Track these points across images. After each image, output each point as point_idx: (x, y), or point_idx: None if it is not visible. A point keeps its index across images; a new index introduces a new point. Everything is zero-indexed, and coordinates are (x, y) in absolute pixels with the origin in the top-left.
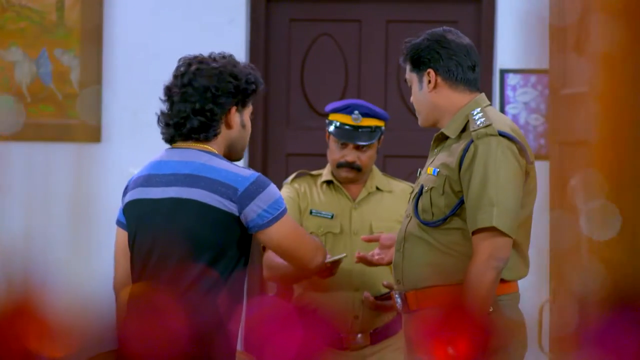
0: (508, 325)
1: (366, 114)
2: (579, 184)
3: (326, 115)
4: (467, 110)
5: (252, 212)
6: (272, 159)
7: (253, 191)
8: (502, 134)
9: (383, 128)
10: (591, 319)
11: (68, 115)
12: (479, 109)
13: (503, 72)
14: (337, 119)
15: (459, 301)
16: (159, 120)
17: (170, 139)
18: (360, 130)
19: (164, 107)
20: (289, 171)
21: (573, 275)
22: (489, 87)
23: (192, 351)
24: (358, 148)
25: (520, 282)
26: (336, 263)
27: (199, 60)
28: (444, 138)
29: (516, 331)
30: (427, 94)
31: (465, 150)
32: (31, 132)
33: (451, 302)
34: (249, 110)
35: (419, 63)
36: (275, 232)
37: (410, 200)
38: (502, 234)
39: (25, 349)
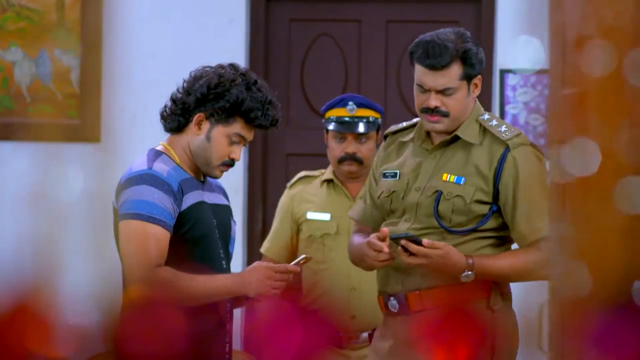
0: (509, 325)
1: (360, 104)
2: (579, 184)
3: (323, 116)
4: (475, 115)
5: (120, 202)
6: (272, 159)
7: (124, 185)
8: (530, 144)
9: (380, 121)
10: (591, 319)
11: (68, 115)
12: (486, 114)
13: (503, 72)
14: (333, 114)
15: (463, 300)
16: None
17: None
18: (356, 120)
19: None
20: (288, 171)
21: (573, 275)
22: (489, 87)
23: (188, 350)
24: (357, 139)
25: (520, 282)
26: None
27: (218, 64)
28: (450, 142)
29: (514, 331)
30: (469, 100)
31: (502, 160)
32: (31, 132)
33: (457, 302)
34: (227, 130)
35: (475, 69)
36: (121, 228)
37: (417, 205)
38: None
39: (25, 349)
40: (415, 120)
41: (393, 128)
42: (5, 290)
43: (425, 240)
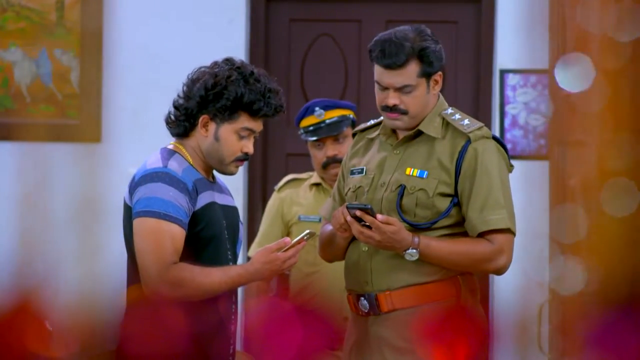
0: (479, 320)
1: (327, 107)
2: (579, 184)
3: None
4: (439, 109)
5: (135, 199)
6: (272, 159)
7: (139, 182)
8: (494, 138)
9: (351, 116)
10: (591, 319)
11: (68, 115)
12: (450, 109)
13: (503, 72)
14: (304, 124)
15: (434, 299)
16: None
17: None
18: (327, 123)
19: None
20: (288, 171)
21: (573, 276)
22: (489, 87)
23: (192, 351)
24: (335, 141)
25: (520, 282)
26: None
27: (213, 62)
28: (413, 137)
29: (485, 325)
30: (430, 96)
31: (463, 152)
32: (31, 132)
33: (427, 302)
34: (234, 126)
35: (433, 66)
36: (136, 225)
37: (382, 201)
38: (512, 234)
39: (25, 349)
40: (382, 118)
41: (362, 126)
42: (6, 290)
43: (379, 215)
